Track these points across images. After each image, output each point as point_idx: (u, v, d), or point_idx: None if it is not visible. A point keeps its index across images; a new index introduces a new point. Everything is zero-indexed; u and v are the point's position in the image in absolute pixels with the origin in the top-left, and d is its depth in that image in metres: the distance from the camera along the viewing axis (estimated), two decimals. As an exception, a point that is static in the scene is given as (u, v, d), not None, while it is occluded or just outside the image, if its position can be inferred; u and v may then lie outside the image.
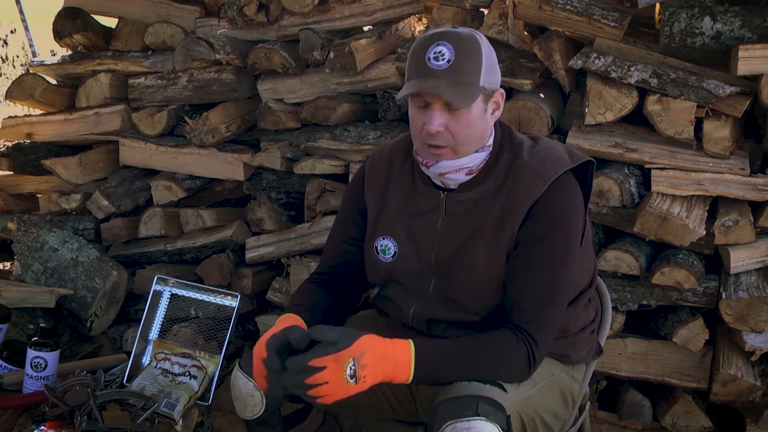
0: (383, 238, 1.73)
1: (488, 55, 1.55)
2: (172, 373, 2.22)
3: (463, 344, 1.55)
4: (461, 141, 1.55)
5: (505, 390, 1.54)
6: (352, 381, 1.42)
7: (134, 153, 2.96)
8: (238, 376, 1.72)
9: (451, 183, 1.64)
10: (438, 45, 1.50)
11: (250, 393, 1.70)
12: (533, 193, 1.57)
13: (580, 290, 1.72)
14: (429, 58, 1.50)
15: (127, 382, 2.27)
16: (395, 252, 1.72)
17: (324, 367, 1.40)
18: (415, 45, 1.56)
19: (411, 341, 1.52)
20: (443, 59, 1.49)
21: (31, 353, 2.08)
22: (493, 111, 1.60)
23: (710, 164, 2.21)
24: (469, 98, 1.51)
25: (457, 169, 1.60)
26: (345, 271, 1.82)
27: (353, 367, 1.42)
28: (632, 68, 2.22)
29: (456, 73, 1.49)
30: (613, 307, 2.16)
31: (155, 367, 2.25)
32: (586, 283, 1.75)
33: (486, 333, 1.59)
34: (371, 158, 1.83)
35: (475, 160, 1.60)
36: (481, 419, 1.42)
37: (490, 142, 1.63)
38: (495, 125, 1.66)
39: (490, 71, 1.55)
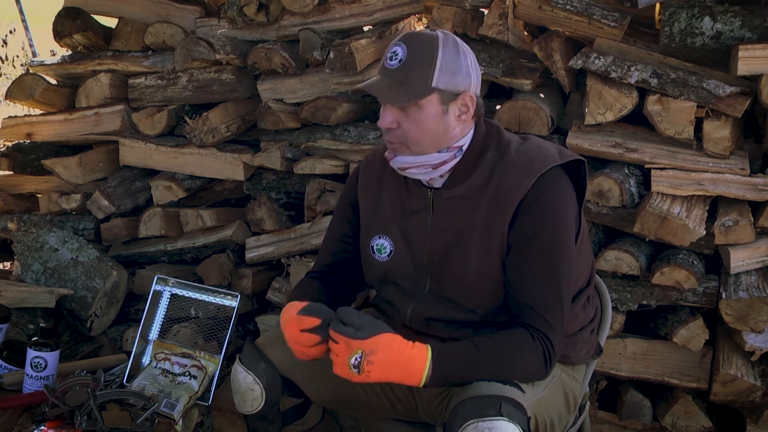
0: (379, 237, 1.74)
1: (450, 58, 1.56)
2: (172, 373, 2.22)
3: (480, 346, 1.55)
4: (412, 140, 1.58)
5: (523, 391, 1.54)
6: (355, 370, 1.48)
7: (134, 153, 2.96)
8: (238, 370, 1.73)
9: (434, 182, 1.65)
10: (395, 45, 1.57)
11: (249, 387, 1.71)
12: (520, 188, 1.57)
13: (578, 289, 1.72)
14: (387, 58, 1.58)
15: (127, 382, 2.27)
16: (391, 251, 1.72)
17: (337, 342, 1.48)
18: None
19: (429, 350, 1.51)
20: (396, 59, 1.56)
21: (31, 353, 2.08)
22: (460, 114, 1.60)
23: (710, 164, 2.21)
24: (410, 97, 1.53)
25: (416, 165, 1.61)
26: (341, 269, 1.83)
27: (359, 359, 1.47)
28: (632, 68, 2.22)
29: (402, 72, 1.54)
30: (613, 307, 2.16)
31: (155, 367, 2.25)
32: (584, 282, 1.75)
33: (502, 333, 1.58)
34: (366, 159, 1.86)
35: (436, 159, 1.61)
36: (503, 419, 1.42)
37: (461, 143, 1.63)
38: (481, 125, 1.67)
39: (449, 73, 1.55)
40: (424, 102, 1.54)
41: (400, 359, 1.49)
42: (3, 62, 7.70)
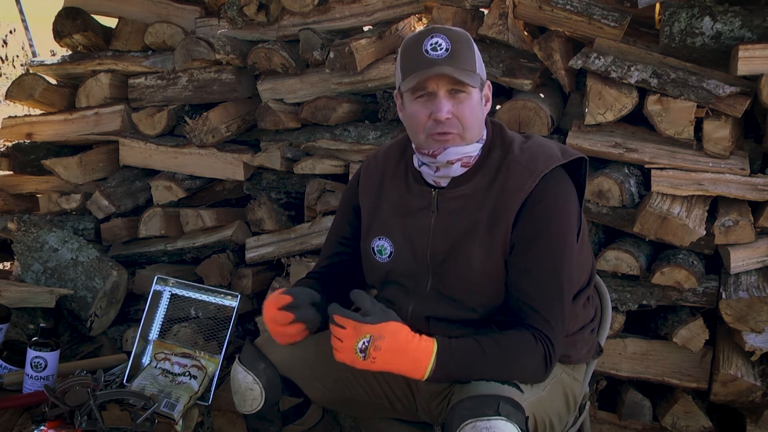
0: (379, 239, 1.74)
1: (477, 49, 1.61)
2: (172, 373, 2.22)
3: (483, 345, 1.54)
4: (468, 126, 1.58)
5: (521, 390, 1.54)
6: (361, 355, 1.46)
7: (134, 153, 2.96)
8: (238, 370, 1.73)
9: (443, 181, 1.65)
10: (433, 37, 1.56)
11: (249, 387, 1.71)
12: (524, 188, 1.57)
13: (578, 289, 1.72)
14: (427, 50, 1.55)
15: (127, 382, 2.28)
16: (391, 252, 1.72)
17: (344, 327, 1.47)
18: (408, 42, 1.60)
19: (435, 344, 1.52)
20: (441, 49, 1.54)
21: (31, 353, 2.08)
22: (485, 102, 1.64)
23: (710, 164, 2.21)
24: (473, 79, 1.55)
25: (464, 156, 1.61)
26: (341, 271, 1.84)
27: (366, 343, 1.46)
28: (632, 68, 2.22)
29: (456, 59, 1.54)
30: (613, 307, 2.16)
31: (155, 367, 2.25)
32: (584, 282, 1.75)
33: (505, 334, 1.58)
34: (367, 160, 1.86)
35: (476, 150, 1.63)
36: (501, 419, 1.42)
37: (485, 135, 1.66)
38: (486, 122, 1.68)
39: (480, 61, 1.61)
40: (474, 89, 1.57)
41: (407, 349, 1.49)
42: (3, 62, 7.70)
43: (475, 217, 1.62)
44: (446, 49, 1.54)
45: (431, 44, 1.55)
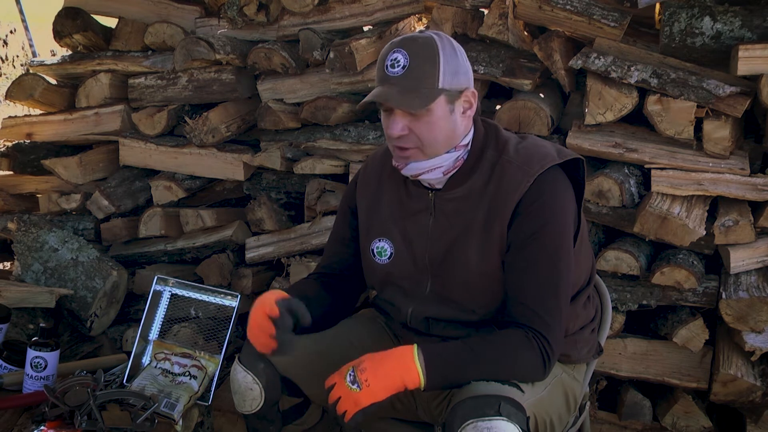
0: (379, 240, 1.74)
1: (450, 57, 1.56)
2: (172, 373, 2.22)
3: (472, 345, 1.55)
4: (427, 142, 1.57)
5: (522, 391, 1.54)
6: (354, 387, 1.48)
7: (134, 153, 2.96)
8: (237, 370, 1.73)
9: (436, 183, 1.65)
10: (394, 52, 1.55)
11: (249, 387, 1.71)
12: (519, 188, 1.57)
13: (578, 288, 1.72)
14: (387, 66, 1.55)
15: (127, 382, 2.27)
16: (391, 253, 1.72)
17: (333, 384, 1.51)
18: (382, 51, 1.60)
19: (414, 345, 1.53)
20: (398, 66, 1.54)
21: (31, 353, 2.08)
22: (464, 110, 1.61)
23: (710, 164, 2.21)
24: (423, 102, 1.53)
25: (428, 169, 1.61)
26: (343, 272, 1.84)
27: (352, 374, 1.49)
28: (632, 68, 2.22)
29: (410, 78, 1.53)
30: (613, 307, 2.16)
31: (155, 367, 2.25)
32: (584, 281, 1.75)
33: (496, 333, 1.59)
34: (365, 162, 1.86)
35: (447, 160, 1.61)
36: (503, 419, 1.42)
37: (466, 140, 1.64)
38: (479, 123, 1.67)
39: (452, 73, 1.56)
40: (434, 105, 1.54)
41: (386, 355, 1.52)
42: (3, 62, 7.71)
43: (472, 218, 1.62)
44: (402, 67, 1.52)
45: (391, 60, 1.54)
